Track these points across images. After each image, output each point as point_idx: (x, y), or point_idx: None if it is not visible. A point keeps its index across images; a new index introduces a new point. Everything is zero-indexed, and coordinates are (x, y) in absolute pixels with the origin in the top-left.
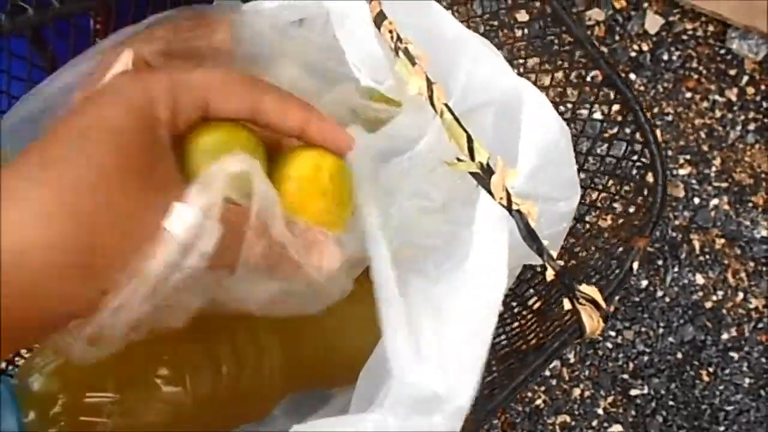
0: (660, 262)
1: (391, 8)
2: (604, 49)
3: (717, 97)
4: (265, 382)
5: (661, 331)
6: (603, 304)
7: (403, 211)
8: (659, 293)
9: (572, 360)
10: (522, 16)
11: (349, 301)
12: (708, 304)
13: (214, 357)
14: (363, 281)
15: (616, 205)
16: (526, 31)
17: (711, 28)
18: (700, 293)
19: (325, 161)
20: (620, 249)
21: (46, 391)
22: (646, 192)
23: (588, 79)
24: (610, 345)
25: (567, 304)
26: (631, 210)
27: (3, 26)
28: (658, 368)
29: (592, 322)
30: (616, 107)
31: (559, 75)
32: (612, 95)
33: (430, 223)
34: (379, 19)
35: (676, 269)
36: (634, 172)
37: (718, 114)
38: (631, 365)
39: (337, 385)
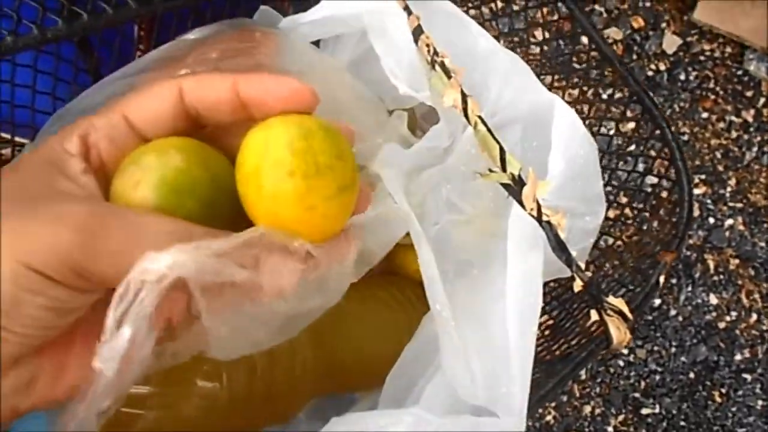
0: (674, 281)
1: (428, 23)
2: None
3: (733, 117)
4: (296, 381)
5: (673, 350)
6: (630, 316)
7: (438, 225)
8: (672, 312)
9: (583, 377)
10: (540, 33)
11: (377, 306)
12: (721, 325)
13: (250, 355)
14: (389, 287)
15: (640, 220)
16: (545, 48)
17: (729, 49)
18: (714, 313)
19: (275, 132)
20: (646, 263)
21: None
22: (671, 207)
23: (614, 95)
24: (621, 363)
25: (594, 315)
26: (655, 224)
27: (60, 30)
28: (670, 388)
29: (619, 333)
30: (640, 123)
31: (586, 91)
32: (639, 112)
33: (463, 236)
34: (417, 32)
35: (689, 288)
36: (660, 188)
37: (734, 135)
38: (642, 384)
39: (363, 388)
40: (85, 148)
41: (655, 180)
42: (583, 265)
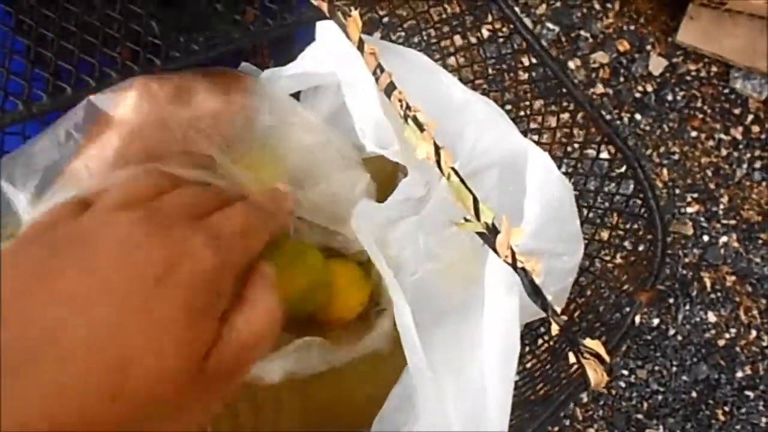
0: (671, 300)
1: (402, 75)
2: (609, 91)
3: (722, 135)
4: (281, 430)
5: (674, 369)
6: (607, 358)
7: (416, 275)
8: (671, 331)
9: (585, 400)
10: (527, 59)
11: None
12: (721, 342)
13: (233, 407)
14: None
15: (619, 257)
16: (533, 74)
17: (714, 68)
18: (713, 331)
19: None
20: (623, 301)
21: None
22: (647, 244)
23: (587, 138)
24: (623, 384)
25: (572, 358)
26: (634, 261)
27: (45, 105)
28: (673, 407)
29: (596, 375)
30: (613, 163)
31: (564, 125)
32: (612, 151)
33: (442, 284)
34: (390, 89)
35: (687, 307)
36: (636, 226)
37: (723, 152)
38: (645, 405)
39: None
40: None
41: (632, 219)
42: (563, 305)
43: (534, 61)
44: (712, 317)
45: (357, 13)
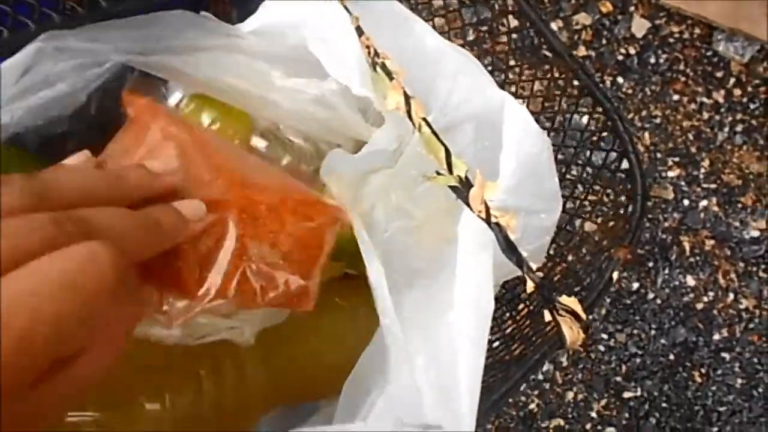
0: (650, 264)
1: (373, 24)
2: (592, 53)
3: (704, 99)
4: (246, 398)
5: (653, 333)
6: (583, 316)
7: (387, 233)
8: (650, 295)
9: (565, 363)
10: (511, 21)
11: (336, 315)
12: (699, 306)
13: (195, 375)
14: (349, 295)
15: (598, 214)
16: (514, 36)
17: (697, 30)
18: (691, 295)
19: None
20: (600, 259)
21: None
22: (626, 201)
23: (573, 85)
24: (602, 348)
25: (547, 316)
26: (612, 219)
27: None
28: (651, 370)
29: (572, 333)
30: (592, 116)
31: (545, 83)
32: (592, 105)
33: (414, 242)
34: (357, 33)
35: (666, 271)
36: (616, 181)
37: (705, 116)
38: (623, 368)
39: (321, 398)
40: None
41: (610, 174)
42: (540, 263)
43: (516, 23)
44: (690, 281)
45: None
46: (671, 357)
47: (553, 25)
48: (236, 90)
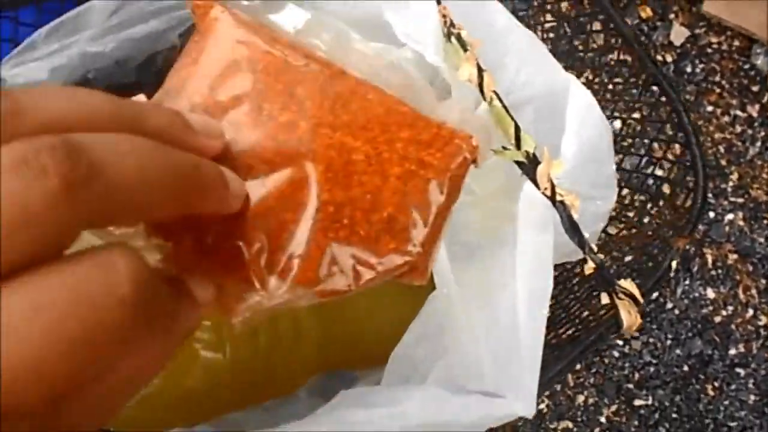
0: (671, 274)
1: None
2: (627, 57)
3: (738, 112)
4: (299, 356)
5: (668, 342)
6: (641, 300)
7: None
8: (669, 305)
9: (578, 366)
10: (552, 15)
11: (383, 287)
12: (717, 319)
13: (253, 327)
14: None
15: (651, 205)
16: (560, 30)
17: (736, 43)
18: (710, 307)
19: None
20: (656, 249)
21: None
22: (685, 193)
23: (629, 79)
24: (616, 354)
25: (605, 299)
26: (666, 210)
27: None
28: (664, 380)
29: (630, 317)
30: (655, 107)
31: (600, 74)
32: (656, 96)
33: (472, 217)
34: (436, 1)
35: (687, 282)
36: (672, 172)
37: (738, 129)
38: (636, 375)
39: (365, 366)
40: None
41: (669, 165)
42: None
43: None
44: (710, 293)
45: None
46: (685, 368)
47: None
48: (318, 48)
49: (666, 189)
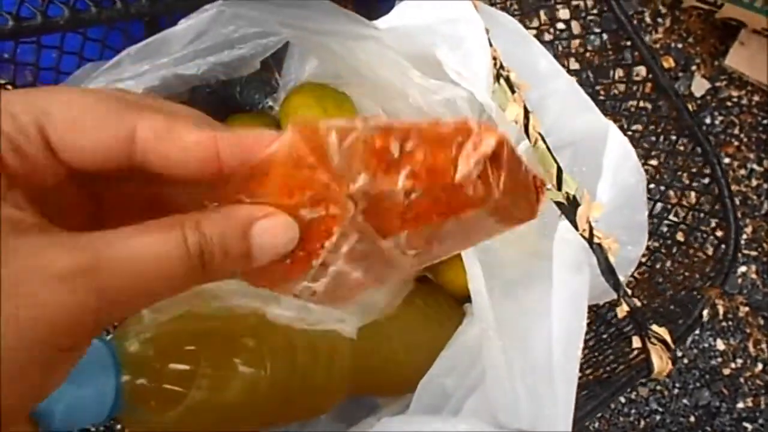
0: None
1: (495, 37)
2: (648, 105)
3: (755, 166)
4: (333, 379)
5: (676, 391)
6: (672, 345)
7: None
8: (678, 354)
9: None
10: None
11: (413, 313)
12: (726, 371)
13: (292, 345)
14: (426, 296)
15: (681, 254)
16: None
17: (756, 98)
18: (719, 359)
19: None
20: (687, 297)
21: (139, 355)
22: (716, 243)
23: (665, 129)
24: (623, 399)
25: (637, 342)
26: (699, 257)
27: (143, 8)
28: (670, 429)
29: (661, 362)
30: (689, 157)
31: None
32: (690, 147)
33: (509, 254)
34: (489, 44)
35: (697, 332)
36: (701, 222)
37: (754, 183)
38: (642, 423)
39: (389, 393)
40: None
41: (702, 215)
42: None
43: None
44: (720, 345)
45: None
46: (692, 419)
47: (615, 74)
48: (377, 80)
49: (691, 238)
